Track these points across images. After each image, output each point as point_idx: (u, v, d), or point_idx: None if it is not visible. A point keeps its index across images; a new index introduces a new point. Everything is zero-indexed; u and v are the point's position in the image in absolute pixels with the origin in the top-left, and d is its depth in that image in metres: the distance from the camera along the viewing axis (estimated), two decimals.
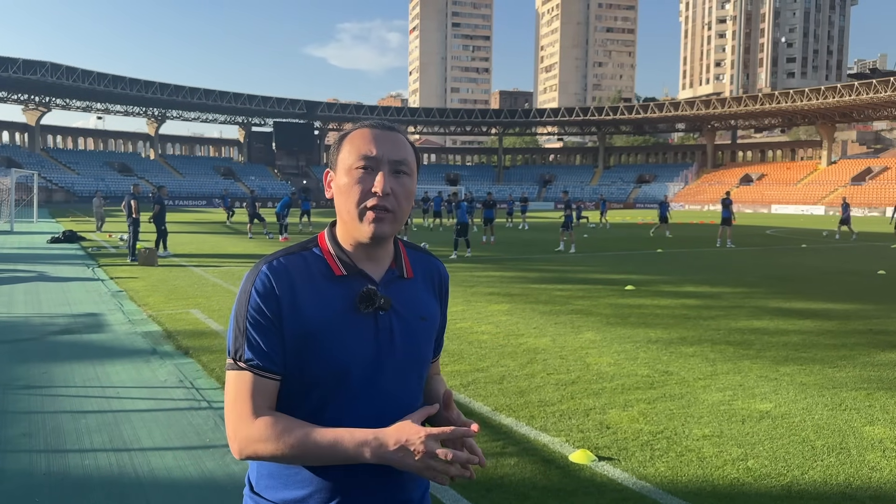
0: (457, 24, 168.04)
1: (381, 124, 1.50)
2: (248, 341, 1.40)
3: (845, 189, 70.45)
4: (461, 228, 19.03)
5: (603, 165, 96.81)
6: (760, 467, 4.25)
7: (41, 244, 20.60)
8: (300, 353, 1.41)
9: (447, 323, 1.73)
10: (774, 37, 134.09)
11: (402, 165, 1.47)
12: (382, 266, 1.52)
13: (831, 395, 5.77)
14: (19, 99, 75.70)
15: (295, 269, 1.45)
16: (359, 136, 1.48)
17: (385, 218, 1.44)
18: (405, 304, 1.52)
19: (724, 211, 23.43)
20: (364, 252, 1.50)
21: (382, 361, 1.46)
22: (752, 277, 14.26)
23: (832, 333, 8.43)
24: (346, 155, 1.47)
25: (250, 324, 1.41)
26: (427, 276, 1.63)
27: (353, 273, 1.47)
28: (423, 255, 1.65)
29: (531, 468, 4.21)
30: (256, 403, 1.39)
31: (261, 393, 1.40)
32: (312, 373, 1.42)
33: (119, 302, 10.34)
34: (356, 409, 1.43)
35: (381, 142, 1.46)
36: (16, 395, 5.67)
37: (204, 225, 34.39)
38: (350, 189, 1.44)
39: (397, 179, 1.47)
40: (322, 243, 1.52)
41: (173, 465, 4.22)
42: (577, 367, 6.62)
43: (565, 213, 21.35)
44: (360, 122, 1.53)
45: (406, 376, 1.51)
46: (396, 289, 1.52)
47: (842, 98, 68.01)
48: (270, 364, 1.40)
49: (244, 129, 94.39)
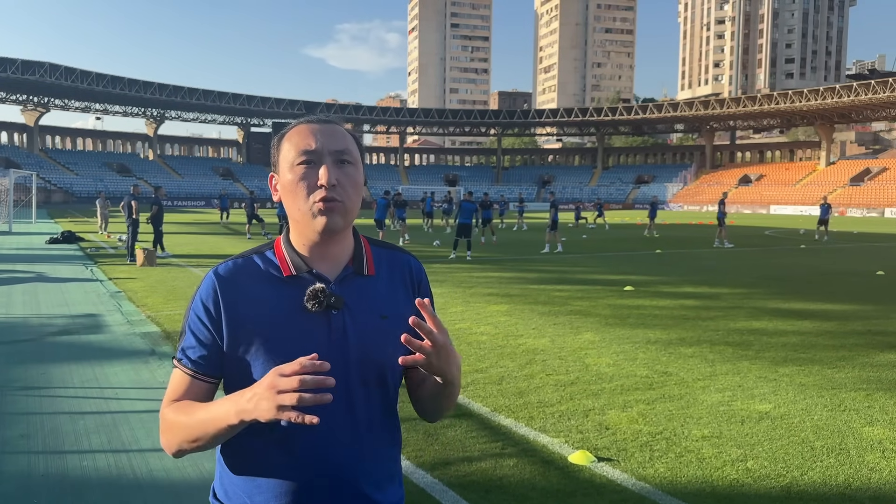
0: (455, 25, 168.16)
1: (317, 118, 1.49)
2: (186, 344, 1.44)
3: (844, 189, 70.54)
4: (463, 229, 18.77)
5: (602, 166, 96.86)
6: (760, 468, 4.24)
7: (39, 245, 20.58)
8: (247, 355, 1.40)
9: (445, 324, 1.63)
10: (773, 38, 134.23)
11: (344, 155, 1.45)
12: (339, 264, 1.49)
13: (830, 396, 5.77)
14: (18, 99, 75.63)
15: (244, 272, 1.46)
16: (296, 132, 1.47)
17: (335, 208, 1.41)
18: (363, 302, 1.47)
19: (719, 212, 23.80)
20: (318, 251, 1.47)
21: (336, 363, 1.38)
22: (751, 278, 14.26)
23: (831, 334, 8.43)
24: (287, 153, 1.45)
25: (190, 327, 1.44)
26: (395, 272, 1.55)
27: (303, 273, 1.45)
28: (390, 251, 1.59)
29: (530, 469, 4.20)
30: (179, 398, 1.43)
31: (190, 392, 1.43)
32: (260, 373, 1.38)
33: (117, 302, 10.33)
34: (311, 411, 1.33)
35: (319, 134, 1.44)
36: (14, 396, 5.66)
37: (203, 225, 34.38)
38: (295, 185, 1.43)
39: (341, 169, 1.44)
40: (277, 246, 1.51)
41: (172, 466, 4.21)
42: (577, 368, 6.62)
43: (551, 214, 21.27)
44: (296, 120, 1.52)
45: (365, 379, 1.44)
46: (353, 287, 1.47)
47: (840, 99, 68.09)
48: (200, 369, 1.43)
49: (243, 130, 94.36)
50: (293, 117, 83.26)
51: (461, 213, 18.83)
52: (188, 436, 1.37)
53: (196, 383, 1.43)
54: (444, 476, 4.08)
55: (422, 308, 1.33)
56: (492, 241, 23.33)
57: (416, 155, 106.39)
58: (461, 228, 18.61)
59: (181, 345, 1.46)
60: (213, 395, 1.46)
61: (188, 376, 1.43)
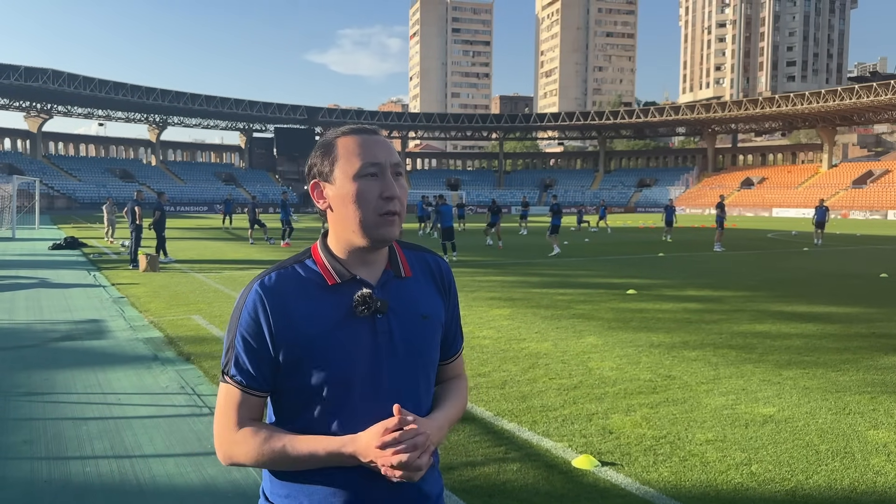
0: (457, 30, 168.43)
1: (365, 129, 1.51)
2: (236, 359, 1.46)
3: (847, 192, 70.44)
4: (446, 232, 18.90)
5: (604, 170, 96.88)
6: (764, 472, 4.23)
7: (43, 251, 20.62)
8: (299, 366, 1.43)
9: None
10: (774, 40, 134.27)
11: (399, 168, 1.50)
12: (378, 269, 1.52)
13: (835, 399, 5.75)
14: (21, 106, 75.88)
15: (288, 284, 1.47)
16: (353, 142, 1.47)
17: (396, 221, 1.47)
18: (404, 303, 1.51)
19: (718, 215, 23.91)
20: (358, 258, 1.50)
21: (384, 364, 1.46)
22: (754, 281, 14.24)
23: (835, 337, 8.40)
24: (346, 163, 1.46)
25: (239, 343, 1.45)
26: (427, 272, 1.61)
27: (346, 280, 1.47)
28: (420, 252, 1.64)
29: (534, 474, 4.19)
30: (240, 415, 1.46)
31: (245, 406, 1.46)
32: (314, 383, 1.43)
33: (120, 308, 10.34)
34: (362, 414, 1.42)
35: (378, 147, 1.47)
36: (17, 401, 5.67)
37: (205, 231, 34.41)
38: (363, 196, 1.44)
39: (398, 182, 1.48)
40: (315, 254, 1.52)
41: (175, 471, 4.21)
42: (580, 372, 6.61)
43: (552, 218, 21.32)
44: (335, 129, 1.53)
45: (411, 378, 1.50)
46: (394, 289, 1.51)
47: (842, 101, 68.05)
48: (254, 383, 1.46)
49: (245, 135, 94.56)
50: (295, 123, 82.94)
51: (443, 218, 18.99)
52: (273, 462, 1.43)
53: (249, 398, 1.46)
54: (448, 481, 4.07)
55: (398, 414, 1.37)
56: (497, 245, 23.37)
57: (418, 159, 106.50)
58: (446, 232, 18.81)
59: (229, 360, 1.47)
60: (263, 408, 1.51)
61: (240, 391, 1.46)
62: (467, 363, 6.91)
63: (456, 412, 1.60)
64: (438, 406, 1.58)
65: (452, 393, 1.65)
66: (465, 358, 7.40)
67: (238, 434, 1.45)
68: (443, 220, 19.18)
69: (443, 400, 1.61)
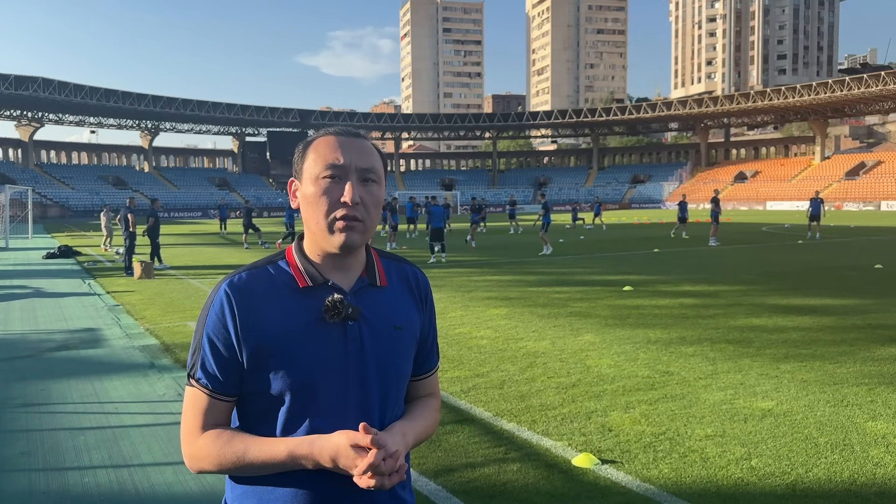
0: (448, 30, 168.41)
1: (346, 131, 1.47)
2: (202, 361, 1.42)
3: (840, 184, 70.65)
4: (435, 233, 19.00)
5: (597, 166, 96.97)
6: (764, 466, 4.23)
7: (37, 260, 20.53)
8: (265, 369, 1.39)
9: (444, 329, 1.66)
10: (764, 34, 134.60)
11: (369, 173, 1.44)
12: (353, 275, 1.48)
13: (833, 392, 5.76)
14: (12, 115, 75.59)
15: (257, 284, 1.43)
16: (324, 143, 1.44)
17: (355, 227, 1.41)
18: (377, 313, 1.47)
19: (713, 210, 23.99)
20: (333, 262, 1.46)
21: (352, 373, 1.42)
22: (749, 275, 14.26)
23: (831, 329, 8.42)
24: (312, 164, 1.43)
25: (206, 344, 1.42)
26: (404, 283, 1.57)
27: (318, 284, 1.44)
28: (398, 263, 1.59)
29: (534, 473, 4.19)
30: (205, 420, 1.42)
31: (211, 411, 1.42)
32: (279, 387, 1.39)
33: (116, 316, 10.30)
34: (329, 423, 1.38)
35: (347, 149, 1.43)
36: (13, 413, 5.63)
37: (200, 237, 34.33)
38: (318, 199, 1.41)
39: (366, 188, 1.43)
40: (289, 256, 1.49)
41: (174, 480, 4.19)
42: (578, 370, 6.60)
43: (542, 215, 21.33)
44: (324, 129, 1.50)
45: (380, 389, 1.46)
46: (368, 298, 1.47)
47: (833, 94, 68.27)
48: (220, 387, 1.42)
49: (238, 140, 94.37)
50: (288, 126, 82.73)
51: (433, 218, 19.15)
52: (235, 467, 1.39)
53: (216, 403, 1.42)
54: (448, 483, 4.06)
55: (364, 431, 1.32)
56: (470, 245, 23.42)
57: (411, 160, 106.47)
58: (435, 233, 18.96)
59: (195, 362, 1.43)
60: (231, 413, 1.46)
61: (206, 396, 1.42)
62: (466, 364, 6.90)
63: (424, 426, 1.54)
64: (405, 418, 1.52)
65: (421, 410, 1.58)
66: (463, 358, 7.40)
67: (200, 440, 1.41)
68: (433, 221, 19.30)
69: (411, 412, 1.56)
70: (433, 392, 1.67)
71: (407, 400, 1.61)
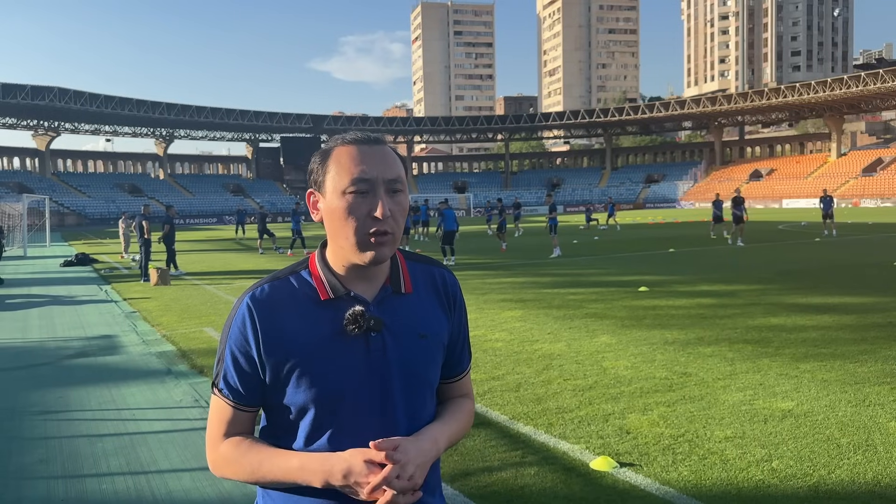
0: (459, 33, 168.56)
1: (366, 138, 1.41)
2: (225, 373, 1.43)
3: (857, 180, 69.96)
4: (447, 236, 19.20)
5: (610, 167, 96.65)
6: (785, 468, 4.17)
7: (54, 268, 20.73)
8: (287, 383, 1.38)
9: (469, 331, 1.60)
10: (778, 31, 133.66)
11: (396, 184, 1.40)
12: (376, 284, 1.45)
13: (854, 391, 5.67)
14: (28, 125, 76.51)
15: (280, 297, 1.42)
16: (345, 154, 1.38)
17: (386, 241, 1.37)
18: (401, 321, 1.44)
19: (735, 209, 23.18)
20: (357, 272, 1.43)
21: (377, 384, 1.40)
22: (767, 274, 14.13)
23: (851, 328, 8.31)
24: (335, 177, 1.38)
25: (228, 357, 1.42)
26: (430, 287, 1.53)
27: (340, 296, 1.41)
28: (424, 266, 1.55)
29: (552, 477, 4.15)
30: (228, 429, 1.44)
31: (234, 421, 1.44)
32: (301, 400, 1.38)
33: (133, 323, 10.36)
34: (353, 436, 1.36)
35: (372, 161, 1.37)
36: (32, 420, 5.67)
37: (215, 242, 34.53)
38: (346, 215, 1.36)
39: (394, 199, 1.39)
40: (312, 265, 1.46)
41: (191, 486, 4.19)
42: (594, 372, 6.55)
43: (549, 217, 21.26)
44: (339, 135, 1.44)
45: (405, 400, 1.43)
46: (392, 307, 1.44)
47: (849, 89, 67.63)
48: (242, 399, 1.43)
49: (252, 146, 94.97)
50: (301, 132, 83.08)
51: (446, 221, 19.36)
52: (252, 477, 1.40)
53: (238, 413, 1.44)
54: (465, 487, 4.03)
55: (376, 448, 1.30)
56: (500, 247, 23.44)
57: (424, 163, 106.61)
58: (446, 236, 19.26)
59: (219, 373, 1.44)
60: (255, 420, 1.47)
61: (228, 406, 1.43)
62: (481, 367, 6.87)
63: (456, 429, 1.52)
64: (437, 420, 1.50)
65: (454, 412, 1.56)
66: (478, 361, 7.37)
67: (221, 447, 1.43)
68: (445, 224, 19.49)
69: (443, 415, 1.53)
70: (466, 393, 1.64)
71: (439, 401, 1.59)
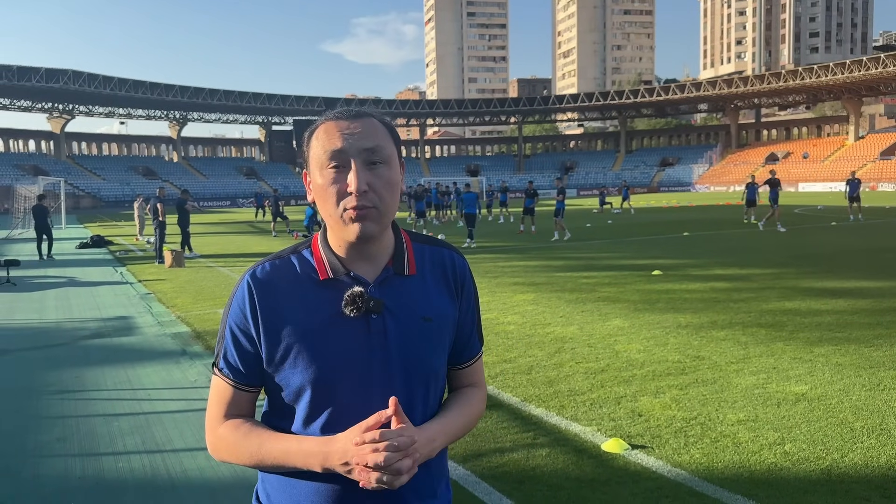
0: (472, 14, 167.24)
1: (346, 111, 1.39)
2: (226, 352, 1.42)
3: (875, 164, 69.09)
4: (467, 219, 19.48)
5: (625, 150, 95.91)
6: (798, 451, 4.16)
7: (70, 250, 20.94)
8: (284, 363, 1.37)
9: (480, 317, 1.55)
10: (796, 12, 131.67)
11: (374, 155, 1.35)
12: (379, 264, 1.42)
13: (868, 376, 5.64)
14: (43, 107, 76.86)
15: (280, 276, 1.40)
16: (323, 130, 1.37)
17: (367, 215, 1.33)
18: (404, 304, 1.40)
19: (772, 192, 22.48)
20: (356, 252, 1.40)
21: (376, 368, 1.36)
22: (782, 258, 14.03)
23: (866, 312, 8.25)
24: (316, 153, 1.37)
25: (229, 335, 1.41)
26: (437, 270, 1.48)
27: (340, 275, 1.39)
28: (432, 248, 1.50)
29: (563, 458, 4.16)
30: (228, 410, 1.42)
31: (233, 401, 1.42)
32: (299, 381, 1.36)
33: (148, 304, 10.45)
34: (350, 418, 1.32)
35: (347, 133, 1.35)
36: (50, 400, 5.75)
37: (229, 225, 34.69)
38: (325, 191, 1.35)
39: (373, 171, 1.34)
40: (314, 245, 1.44)
41: (206, 465, 4.24)
42: (607, 355, 6.55)
43: (557, 200, 21.12)
44: (325, 113, 1.41)
45: (405, 385, 1.39)
46: (393, 288, 1.41)
47: (868, 71, 66.56)
48: (242, 378, 1.41)
49: (265, 129, 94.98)
50: (313, 114, 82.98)
51: (465, 204, 19.73)
52: (251, 461, 1.38)
53: (238, 394, 1.42)
54: (477, 468, 4.06)
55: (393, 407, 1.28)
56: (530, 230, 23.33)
57: (436, 146, 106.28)
58: (467, 218, 19.56)
59: (220, 352, 1.43)
60: (255, 401, 1.46)
61: (229, 386, 1.41)
62: (493, 349, 6.88)
63: (458, 425, 1.46)
64: (438, 415, 1.45)
65: (459, 403, 1.51)
66: (490, 344, 7.37)
67: (220, 429, 1.41)
68: (465, 207, 19.74)
69: (445, 409, 1.48)
70: (475, 381, 1.59)
71: (450, 389, 1.56)
